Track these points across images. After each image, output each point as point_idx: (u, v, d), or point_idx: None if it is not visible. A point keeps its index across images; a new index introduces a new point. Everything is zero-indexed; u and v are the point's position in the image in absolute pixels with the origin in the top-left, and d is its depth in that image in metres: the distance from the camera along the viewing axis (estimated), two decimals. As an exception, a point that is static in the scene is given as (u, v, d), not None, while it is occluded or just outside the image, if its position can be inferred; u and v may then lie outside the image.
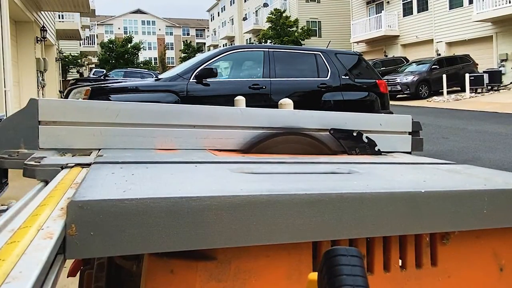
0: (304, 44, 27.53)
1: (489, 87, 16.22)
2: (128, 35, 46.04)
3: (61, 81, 21.60)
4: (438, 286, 0.56)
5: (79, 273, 0.98)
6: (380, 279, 0.53)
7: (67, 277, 1.01)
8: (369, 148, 0.95)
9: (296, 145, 0.89)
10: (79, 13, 18.93)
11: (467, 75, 15.83)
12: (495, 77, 16.21)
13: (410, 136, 1.03)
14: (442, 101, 15.20)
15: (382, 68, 19.47)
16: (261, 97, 5.33)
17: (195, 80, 5.15)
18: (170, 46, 66.52)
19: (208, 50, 31.30)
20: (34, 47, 12.96)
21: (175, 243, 0.40)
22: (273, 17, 30.09)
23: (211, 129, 0.86)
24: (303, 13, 31.74)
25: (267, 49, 5.78)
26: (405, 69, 18.03)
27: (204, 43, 60.43)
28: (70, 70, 29.87)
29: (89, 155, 0.70)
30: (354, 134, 0.94)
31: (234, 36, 45.87)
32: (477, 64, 17.78)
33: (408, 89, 16.71)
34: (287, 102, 1.97)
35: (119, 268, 0.77)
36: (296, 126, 0.90)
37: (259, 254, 0.47)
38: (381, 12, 24.33)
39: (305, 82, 5.61)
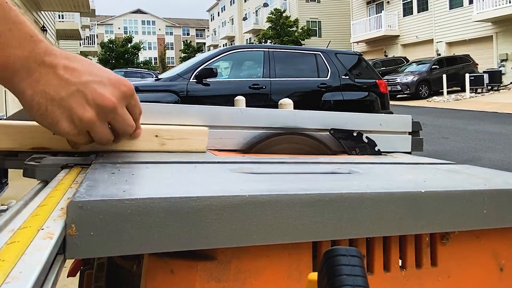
0: (304, 44, 27.52)
1: (489, 87, 16.22)
2: (128, 35, 46.07)
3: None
4: (438, 286, 0.56)
5: (79, 273, 0.98)
6: (380, 279, 0.53)
7: (67, 277, 1.01)
8: (369, 148, 0.95)
9: (296, 145, 0.89)
10: (79, 13, 18.93)
11: (467, 75, 15.82)
12: (495, 77, 16.21)
13: (410, 136, 1.03)
14: (442, 101, 15.20)
15: (382, 68, 19.46)
16: (261, 97, 5.33)
17: (195, 80, 5.15)
18: (170, 46, 66.51)
19: (208, 50, 31.36)
20: (34, 47, 12.94)
21: (175, 243, 0.40)
22: (273, 17, 30.08)
23: (211, 129, 0.86)
24: (303, 13, 31.74)
25: (267, 49, 5.77)
26: (405, 69, 18.02)
27: (204, 43, 60.46)
28: None
29: (89, 155, 0.70)
30: (354, 134, 0.94)
31: (234, 36, 45.89)
32: (477, 64, 17.77)
33: (408, 89, 16.70)
34: (287, 102, 1.96)
35: (119, 268, 0.77)
36: (296, 126, 0.90)
37: (259, 254, 0.47)
38: (381, 12, 24.33)
39: (305, 82, 5.61)
